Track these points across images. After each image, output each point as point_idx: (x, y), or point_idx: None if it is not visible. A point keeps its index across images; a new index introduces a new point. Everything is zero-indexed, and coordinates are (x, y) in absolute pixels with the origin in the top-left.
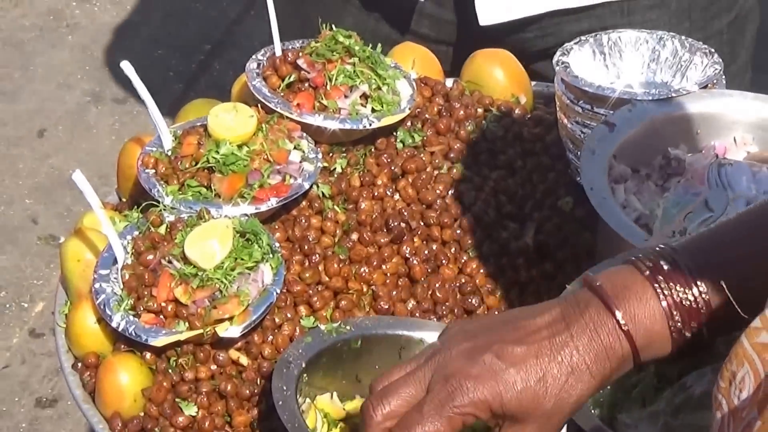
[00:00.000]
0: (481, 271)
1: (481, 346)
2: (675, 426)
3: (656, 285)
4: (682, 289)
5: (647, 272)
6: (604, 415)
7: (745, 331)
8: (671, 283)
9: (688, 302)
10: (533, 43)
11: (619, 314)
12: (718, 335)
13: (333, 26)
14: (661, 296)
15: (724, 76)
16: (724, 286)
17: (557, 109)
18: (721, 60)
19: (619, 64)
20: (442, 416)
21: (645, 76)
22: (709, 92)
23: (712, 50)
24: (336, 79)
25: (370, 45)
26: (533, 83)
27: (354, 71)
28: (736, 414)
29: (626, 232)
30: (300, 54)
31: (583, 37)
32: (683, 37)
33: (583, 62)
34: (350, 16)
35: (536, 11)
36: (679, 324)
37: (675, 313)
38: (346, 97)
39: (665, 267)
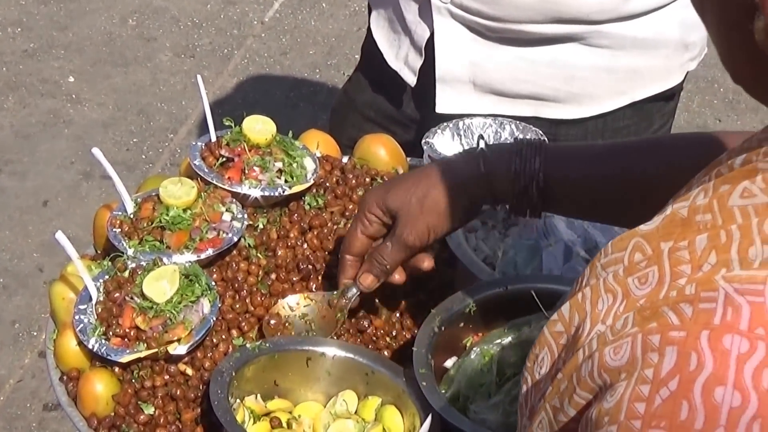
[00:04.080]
0: (369, 300)
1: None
2: (511, 411)
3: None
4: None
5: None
6: (460, 407)
7: (547, 322)
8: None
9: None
10: None
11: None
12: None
13: (235, 123)
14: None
15: None
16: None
17: None
18: (546, 138)
19: (471, 142)
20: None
21: None
22: None
23: (540, 132)
24: (253, 164)
25: (291, 133)
26: (408, 158)
27: (263, 159)
28: (537, 386)
29: (476, 269)
30: (221, 144)
31: (444, 123)
32: (518, 122)
33: (445, 142)
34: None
35: (484, 111)
36: (518, 167)
37: (518, 161)
38: (263, 173)
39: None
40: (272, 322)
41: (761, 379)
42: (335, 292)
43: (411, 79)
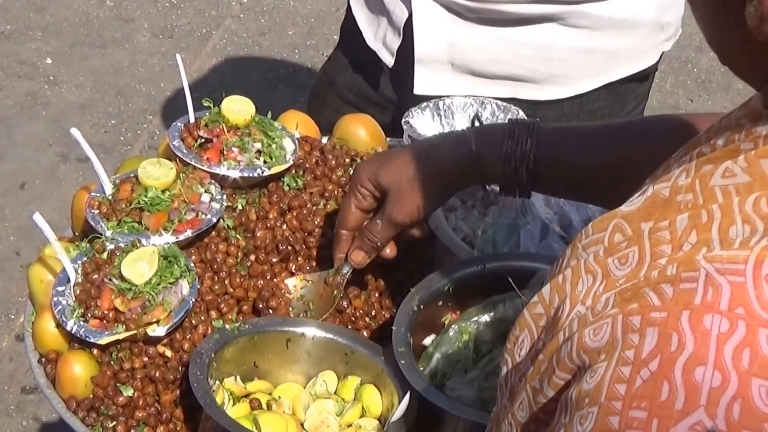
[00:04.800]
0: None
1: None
2: (486, 387)
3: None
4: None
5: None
6: (437, 383)
7: (527, 304)
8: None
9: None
10: None
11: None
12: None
13: (214, 104)
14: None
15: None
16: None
17: None
18: (525, 117)
19: (451, 122)
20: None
21: None
22: None
23: (519, 110)
24: (232, 145)
25: (269, 114)
26: (388, 138)
27: (242, 140)
28: (517, 367)
29: (456, 248)
30: (200, 125)
31: (424, 103)
32: (499, 102)
33: (424, 122)
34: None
35: (462, 92)
36: (510, 148)
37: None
38: (241, 154)
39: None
40: (272, 303)
41: (741, 359)
42: (330, 271)
43: (389, 60)
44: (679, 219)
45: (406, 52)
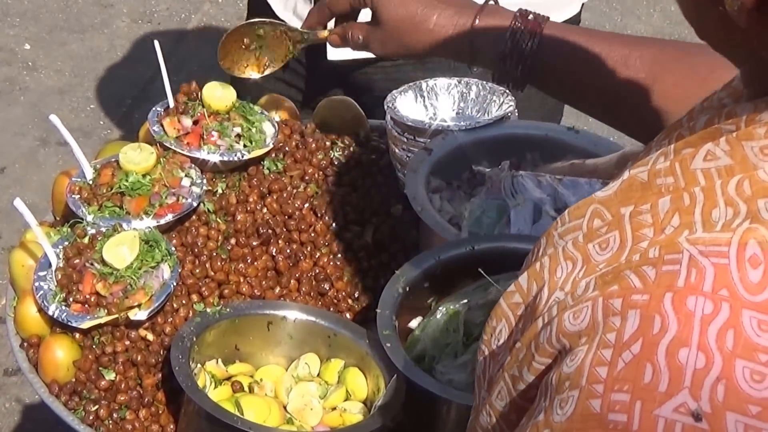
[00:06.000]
0: (331, 263)
1: None
2: None
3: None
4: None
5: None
6: (425, 367)
7: (503, 294)
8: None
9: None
10: (379, 85)
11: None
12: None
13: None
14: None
15: (516, 110)
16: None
17: (388, 139)
18: (513, 98)
19: (435, 104)
20: None
21: (456, 112)
22: (505, 122)
23: (507, 91)
24: (212, 129)
25: (249, 99)
26: (369, 120)
27: (222, 124)
28: (495, 357)
29: (441, 230)
30: (169, 118)
31: (405, 86)
32: (485, 82)
33: (407, 104)
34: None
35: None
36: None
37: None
38: (221, 139)
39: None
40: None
41: (725, 340)
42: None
43: None
44: (661, 202)
45: None
